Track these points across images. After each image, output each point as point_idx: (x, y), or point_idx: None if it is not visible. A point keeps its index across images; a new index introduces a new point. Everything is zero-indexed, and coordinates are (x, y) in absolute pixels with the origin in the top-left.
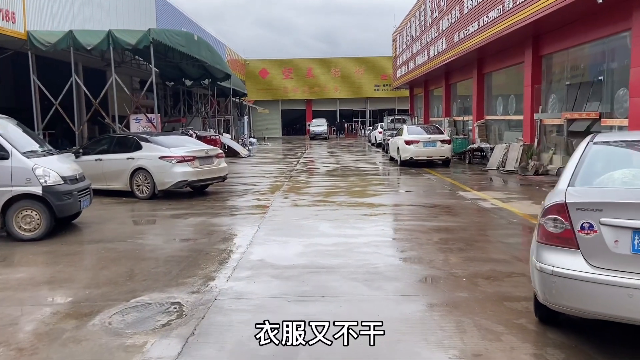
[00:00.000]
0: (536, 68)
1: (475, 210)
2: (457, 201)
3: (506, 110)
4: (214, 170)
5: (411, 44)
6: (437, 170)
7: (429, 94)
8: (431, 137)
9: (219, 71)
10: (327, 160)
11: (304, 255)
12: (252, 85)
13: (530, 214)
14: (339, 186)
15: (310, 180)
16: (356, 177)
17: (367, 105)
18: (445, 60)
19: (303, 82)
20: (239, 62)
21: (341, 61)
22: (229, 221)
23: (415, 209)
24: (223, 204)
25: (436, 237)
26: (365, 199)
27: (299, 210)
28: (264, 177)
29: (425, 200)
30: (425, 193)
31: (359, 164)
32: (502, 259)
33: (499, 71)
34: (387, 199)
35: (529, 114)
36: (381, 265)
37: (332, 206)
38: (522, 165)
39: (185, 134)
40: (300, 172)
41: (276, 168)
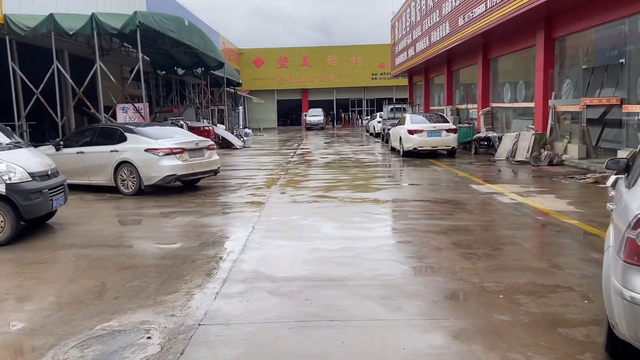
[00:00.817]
0: (549, 51)
1: (494, 207)
2: (471, 196)
3: (514, 97)
4: (204, 163)
5: (411, 30)
6: (442, 161)
7: (429, 82)
8: (436, 126)
9: (212, 59)
10: (325, 152)
11: (305, 263)
12: (247, 74)
13: (558, 210)
14: (340, 179)
15: (308, 173)
16: (357, 169)
17: (364, 94)
18: (449, 45)
19: (299, 72)
20: (233, 51)
21: (338, 49)
22: (221, 221)
23: (426, 206)
24: (215, 201)
25: (455, 239)
26: (370, 194)
27: (297, 207)
28: (260, 170)
29: (435, 195)
30: (434, 186)
31: (359, 155)
32: (540, 267)
33: (507, 56)
34: (393, 193)
35: (541, 100)
36: (397, 276)
37: (334, 202)
38: (534, 155)
39: (175, 125)
40: (298, 164)
41: (272, 160)
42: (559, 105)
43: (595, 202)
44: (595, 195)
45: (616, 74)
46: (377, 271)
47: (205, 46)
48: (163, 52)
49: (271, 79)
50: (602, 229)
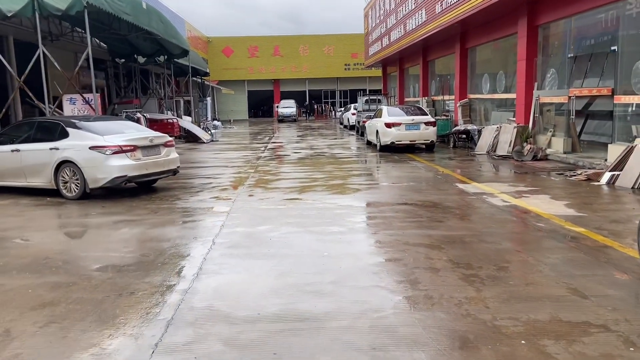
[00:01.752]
0: (532, 40)
1: (487, 211)
2: (459, 197)
3: (493, 88)
4: (161, 162)
5: (385, 18)
6: (421, 155)
7: (404, 73)
8: (414, 119)
9: (175, 46)
10: (298, 146)
11: (274, 294)
12: (216, 64)
13: (558, 214)
14: (314, 178)
15: (280, 170)
16: (333, 165)
17: (337, 85)
18: (425, 34)
19: (270, 61)
20: (200, 40)
21: (310, 39)
22: (175, 233)
23: (412, 210)
24: (171, 206)
25: (451, 255)
26: (348, 197)
27: (267, 214)
28: (227, 167)
29: (420, 197)
30: (417, 186)
31: (334, 150)
32: (559, 294)
33: (486, 45)
34: (373, 195)
35: (523, 91)
36: (389, 311)
37: (309, 207)
38: (516, 149)
39: (131, 118)
40: (269, 160)
41: (241, 155)
42: (545, 97)
43: (595, 204)
44: (592, 196)
45: (603, 62)
46: (364, 304)
47: (166, 31)
48: (120, 37)
49: (241, 69)
50: (615, 239)
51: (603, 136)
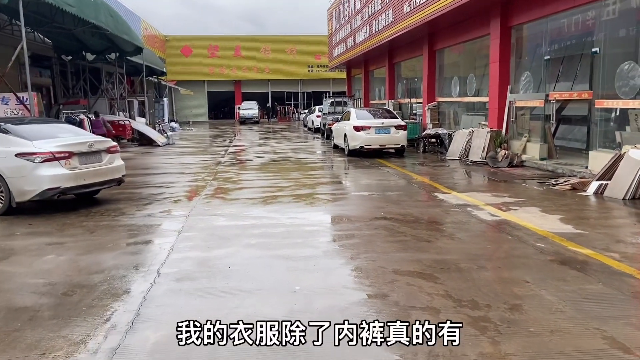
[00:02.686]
0: (505, 41)
1: (477, 228)
2: (442, 210)
3: (463, 91)
4: (102, 171)
5: (350, 19)
6: (392, 161)
7: (369, 75)
8: (384, 123)
9: (127, 43)
10: (261, 150)
11: (233, 352)
12: (174, 64)
13: (555, 231)
14: (280, 187)
15: (241, 177)
16: (299, 172)
17: (300, 87)
18: (392, 35)
19: (231, 62)
20: (157, 38)
21: (272, 39)
22: (112, 260)
23: (392, 227)
24: (112, 223)
25: (450, 288)
26: (319, 209)
27: (226, 232)
28: (182, 174)
29: (399, 209)
30: (394, 196)
31: (300, 154)
32: (595, 347)
33: (456, 47)
34: (348, 207)
35: (497, 94)
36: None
37: (275, 224)
38: (490, 155)
39: (71, 120)
40: (230, 166)
41: (199, 160)
42: (521, 100)
43: (592, 219)
44: (585, 208)
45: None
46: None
47: (116, 27)
48: (66, 32)
49: (201, 69)
50: (631, 264)
51: (576, 142)
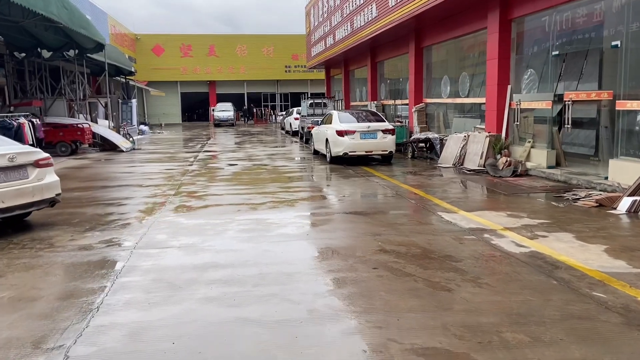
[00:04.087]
0: (504, 36)
1: (504, 264)
2: (452, 237)
3: (455, 91)
4: (29, 190)
5: (329, 15)
6: (380, 169)
7: (349, 75)
8: (370, 127)
9: (86, 39)
10: (234, 156)
11: None
12: (145, 63)
13: (607, 270)
14: (253, 205)
15: (209, 192)
16: (276, 184)
17: (277, 88)
18: (375, 32)
19: (205, 62)
20: (127, 37)
21: (248, 39)
22: (4, 331)
23: (396, 265)
24: (32, 262)
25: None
26: (300, 237)
27: (179, 276)
28: (140, 188)
29: (400, 238)
30: (390, 217)
31: (276, 161)
32: None
33: (446, 43)
34: (336, 235)
35: (495, 95)
36: None
37: (244, 262)
38: (489, 162)
39: (6, 125)
40: (197, 176)
41: (164, 169)
42: (526, 101)
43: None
44: (628, 233)
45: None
46: None
47: (71, 20)
48: (15, 25)
49: (173, 69)
50: None
51: (582, 147)
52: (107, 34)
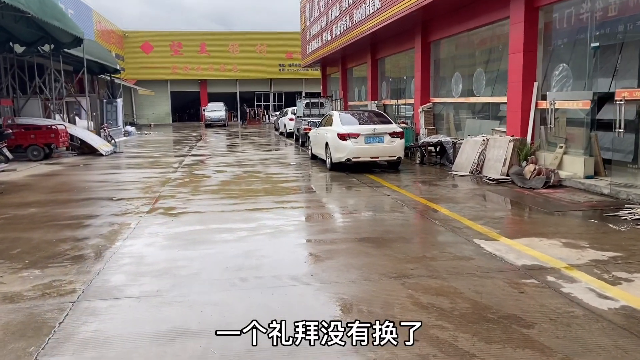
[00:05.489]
0: (531, 26)
1: (596, 333)
2: (506, 282)
3: (468, 89)
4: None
5: (326, 10)
6: (387, 178)
7: (347, 74)
8: (376, 129)
9: (62, 32)
10: (224, 160)
11: None
12: (134, 61)
13: None
14: (242, 229)
15: (189, 209)
16: (270, 197)
17: (271, 87)
18: (377, 25)
19: (196, 60)
20: (114, 34)
21: (240, 36)
22: None
23: (445, 335)
24: None
25: None
26: (301, 283)
27: (133, 354)
28: (110, 202)
29: (436, 283)
30: (415, 248)
31: (270, 167)
32: None
33: (457, 37)
34: (347, 277)
35: (519, 93)
36: None
37: (231, 324)
38: (515, 170)
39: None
40: (179, 186)
41: (143, 177)
42: (561, 100)
43: None
44: None
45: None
46: None
47: (43, 10)
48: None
49: (163, 68)
50: None
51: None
52: (92, 30)
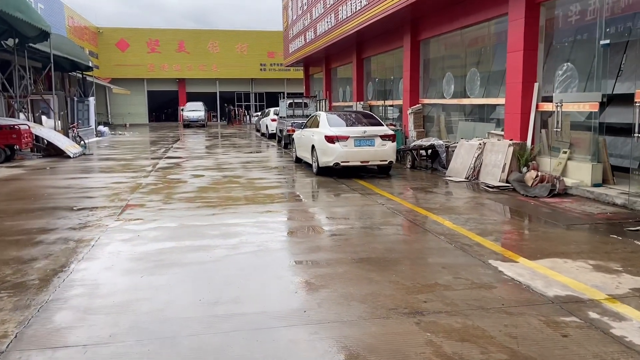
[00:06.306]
0: (532, 22)
1: None
2: (542, 322)
3: (461, 90)
4: None
5: (310, 7)
6: (379, 183)
7: (331, 74)
8: (367, 131)
9: (27, 25)
10: (202, 164)
11: None
12: (109, 59)
13: None
14: (219, 246)
15: (159, 222)
16: (252, 207)
17: (252, 87)
18: (363, 23)
19: (174, 58)
20: (88, 30)
21: (220, 34)
22: None
23: None
24: None
25: None
26: (293, 311)
27: None
28: (70, 212)
29: (460, 321)
30: (425, 270)
31: (252, 172)
32: None
33: (449, 35)
34: (352, 314)
35: (518, 94)
36: None
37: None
38: (515, 177)
39: None
40: (150, 194)
41: (111, 182)
42: (568, 102)
43: None
44: None
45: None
46: None
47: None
48: None
49: (140, 66)
50: None
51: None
52: (64, 25)
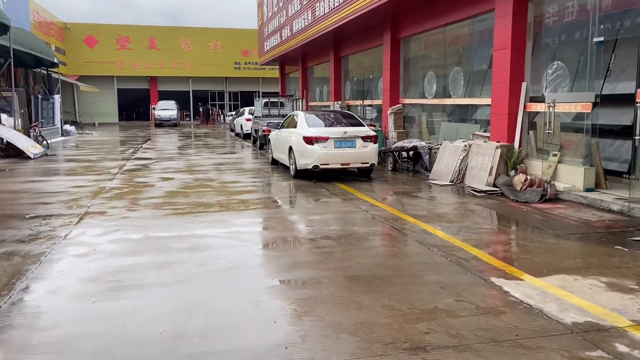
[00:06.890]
0: (519, 20)
1: None
2: (560, 352)
3: (443, 89)
4: None
5: (285, 4)
6: (359, 187)
7: (308, 73)
8: (347, 132)
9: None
10: (172, 166)
11: None
12: (76, 56)
13: None
14: (188, 264)
15: (121, 233)
16: (226, 214)
17: (226, 86)
18: (341, 20)
19: (145, 55)
20: (54, 25)
21: (193, 32)
22: None
23: None
24: None
25: None
26: (272, 347)
27: None
28: (22, 221)
29: (468, 359)
30: (421, 291)
31: (226, 174)
32: None
33: (432, 32)
34: (343, 351)
35: (506, 94)
36: None
37: None
38: (503, 181)
39: None
40: (113, 200)
41: (72, 186)
42: (561, 103)
43: None
44: None
45: None
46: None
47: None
48: None
49: (109, 63)
50: None
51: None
52: (28, 20)
